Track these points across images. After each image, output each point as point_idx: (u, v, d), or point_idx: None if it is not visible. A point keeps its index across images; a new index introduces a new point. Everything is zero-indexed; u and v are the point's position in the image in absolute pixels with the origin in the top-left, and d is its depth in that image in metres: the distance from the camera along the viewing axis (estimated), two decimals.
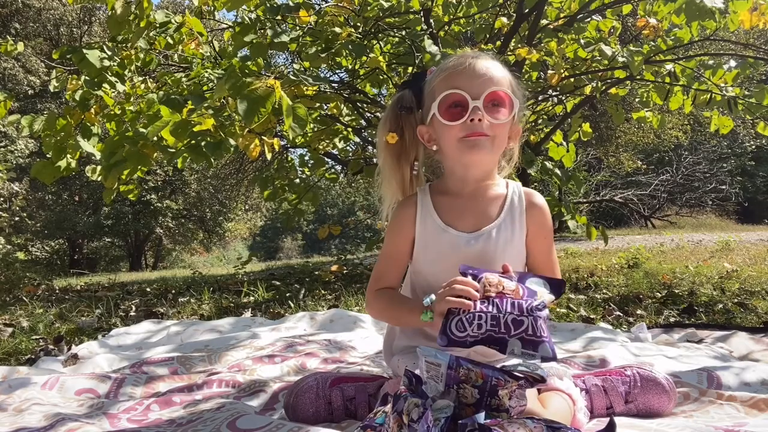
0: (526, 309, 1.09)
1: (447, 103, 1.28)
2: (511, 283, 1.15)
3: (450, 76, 1.30)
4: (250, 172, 12.89)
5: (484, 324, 1.08)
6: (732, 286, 3.47)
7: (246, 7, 3.04)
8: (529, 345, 1.07)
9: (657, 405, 1.34)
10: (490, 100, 1.27)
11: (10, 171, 13.84)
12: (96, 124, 2.89)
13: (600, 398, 1.36)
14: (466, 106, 1.26)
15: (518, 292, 1.12)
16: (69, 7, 17.24)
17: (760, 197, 22.17)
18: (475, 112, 1.26)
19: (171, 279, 6.26)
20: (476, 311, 1.09)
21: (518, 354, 1.07)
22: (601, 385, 1.37)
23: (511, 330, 1.07)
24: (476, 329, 1.08)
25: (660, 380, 1.35)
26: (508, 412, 1.02)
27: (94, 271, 15.72)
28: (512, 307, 1.09)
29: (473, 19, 3.99)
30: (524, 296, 1.12)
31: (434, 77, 1.35)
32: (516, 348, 1.07)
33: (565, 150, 4.08)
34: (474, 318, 1.09)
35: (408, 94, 1.41)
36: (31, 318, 3.10)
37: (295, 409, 1.37)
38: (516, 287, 1.14)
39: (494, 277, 1.16)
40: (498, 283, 1.13)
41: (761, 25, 2.97)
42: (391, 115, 1.41)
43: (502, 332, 1.07)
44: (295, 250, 34.26)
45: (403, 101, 1.40)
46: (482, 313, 1.09)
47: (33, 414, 1.43)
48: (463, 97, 1.26)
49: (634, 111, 4.68)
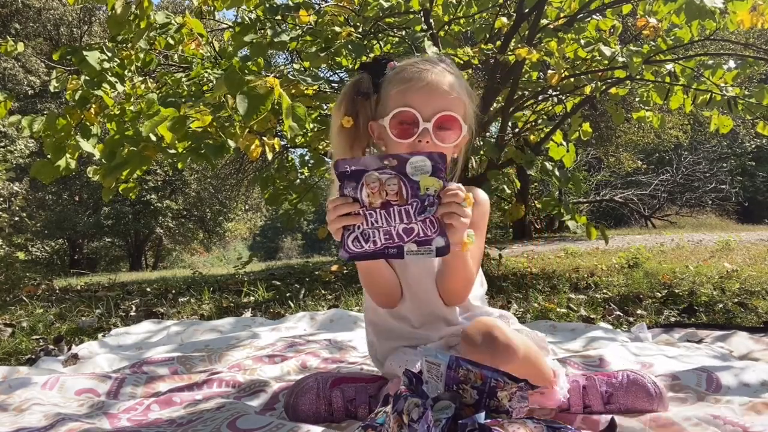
0: (414, 215, 1.15)
1: (398, 119, 1.31)
2: (393, 184, 1.16)
3: (406, 92, 1.31)
4: (250, 172, 12.91)
5: (378, 240, 1.16)
6: (732, 286, 3.47)
7: (246, 7, 3.05)
8: (423, 244, 1.16)
9: (640, 410, 1.32)
10: (440, 123, 1.30)
11: (10, 171, 13.84)
12: (96, 125, 2.89)
13: (577, 395, 1.35)
14: (417, 126, 1.29)
15: (402, 195, 1.16)
16: (69, 7, 17.24)
17: (760, 197, 22.18)
18: (424, 134, 1.29)
19: (171, 279, 6.26)
20: (368, 228, 1.16)
21: (415, 252, 1.16)
22: (582, 383, 1.36)
23: (404, 238, 1.16)
24: (372, 245, 1.16)
25: (647, 385, 1.33)
26: (509, 414, 1.02)
27: (94, 271, 15.72)
28: (400, 216, 1.16)
29: (473, 19, 3.99)
30: (408, 197, 1.16)
31: (392, 82, 1.35)
32: (412, 249, 1.16)
33: (565, 150, 4.09)
34: (369, 235, 1.16)
35: (366, 79, 1.40)
36: (31, 318, 3.10)
37: (295, 410, 1.37)
38: (398, 187, 1.16)
39: (373, 177, 1.16)
40: (380, 188, 1.16)
41: (760, 25, 2.97)
42: (347, 99, 1.40)
43: (396, 243, 1.16)
44: (295, 250, 34.29)
45: (361, 86, 1.40)
46: (374, 230, 1.16)
47: (33, 414, 1.43)
48: (415, 117, 1.29)
49: (634, 111, 4.68)
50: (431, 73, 1.33)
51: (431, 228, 1.16)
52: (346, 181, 1.16)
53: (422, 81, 1.32)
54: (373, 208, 1.15)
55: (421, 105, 1.30)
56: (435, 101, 1.31)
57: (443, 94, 1.32)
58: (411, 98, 1.31)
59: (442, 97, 1.31)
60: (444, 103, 1.31)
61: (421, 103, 1.30)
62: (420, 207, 1.15)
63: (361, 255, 1.17)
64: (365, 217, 1.15)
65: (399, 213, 1.15)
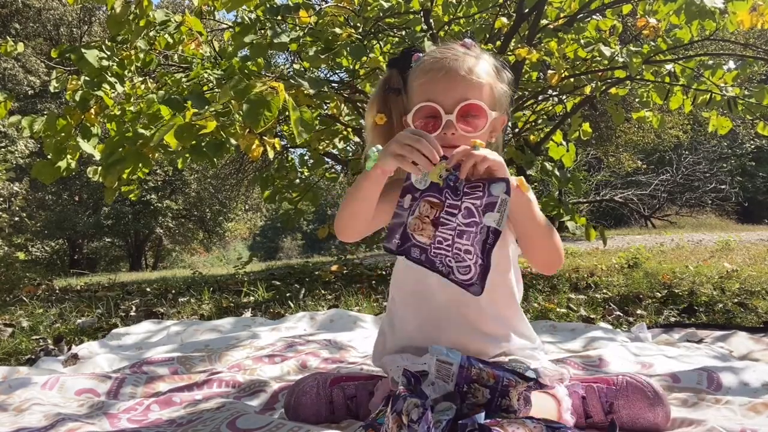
0: (455, 200, 1.12)
1: (421, 115, 1.28)
2: (423, 207, 1.14)
3: (427, 84, 1.28)
4: (250, 172, 12.90)
5: (466, 245, 1.10)
6: (732, 286, 3.47)
7: (246, 8, 3.05)
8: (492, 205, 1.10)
9: (642, 420, 1.26)
10: (464, 112, 1.26)
11: (10, 171, 13.84)
12: (96, 125, 2.89)
13: (578, 408, 1.30)
14: (440, 119, 1.26)
15: (436, 204, 1.13)
16: (69, 7, 17.25)
17: (760, 197, 22.18)
18: (449, 127, 1.26)
19: (171, 279, 6.26)
20: (450, 250, 1.12)
21: (499, 217, 1.09)
22: (581, 393, 1.30)
23: (476, 221, 1.10)
24: (468, 255, 1.11)
25: (646, 392, 1.26)
26: (516, 414, 1.02)
27: (94, 271, 15.71)
28: (450, 215, 1.11)
29: (473, 19, 3.99)
30: (441, 197, 1.13)
31: (415, 74, 1.33)
32: (495, 217, 1.09)
33: (565, 150, 4.09)
34: (457, 254, 1.11)
35: (396, 74, 1.39)
36: (31, 318, 3.10)
37: (296, 410, 1.37)
38: (427, 204, 1.14)
39: (412, 221, 1.15)
40: (420, 221, 1.14)
41: (760, 25, 2.97)
42: (378, 96, 1.40)
43: (477, 229, 1.10)
44: (295, 250, 34.26)
45: (391, 82, 1.39)
46: (453, 244, 1.11)
47: (33, 414, 1.43)
48: (437, 110, 1.26)
49: (634, 111, 4.68)
50: (449, 61, 1.28)
51: (477, 191, 1.11)
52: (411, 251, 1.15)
53: (440, 71, 1.27)
54: (435, 237, 1.12)
55: (442, 96, 1.26)
56: (455, 90, 1.26)
57: (463, 81, 1.27)
58: (431, 90, 1.27)
59: (463, 85, 1.26)
60: (465, 90, 1.26)
61: (441, 94, 1.26)
62: (452, 191, 1.12)
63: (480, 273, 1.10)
64: (439, 248, 1.13)
65: (448, 213, 1.12)
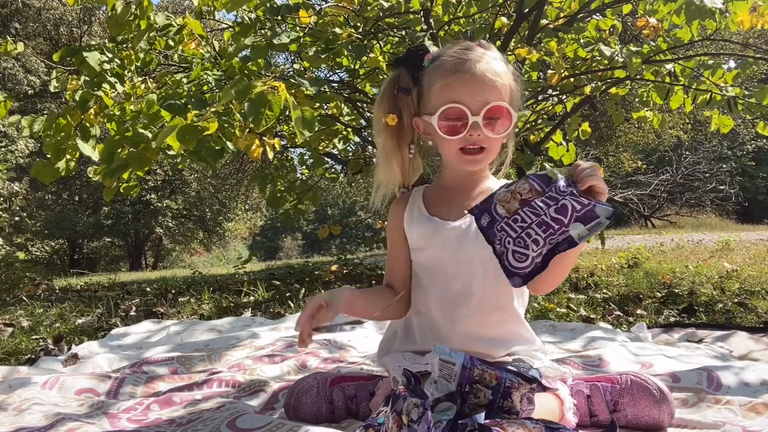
0: (557, 193, 1.02)
1: (446, 116, 1.27)
2: (523, 184, 1.06)
3: (451, 85, 1.27)
4: (250, 172, 12.88)
5: (538, 237, 1.00)
6: (732, 286, 3.47)
7: (246, 8, 3.04)
8: (588, 218, 0.99)
9: (647, 418, 1.27)
10: (490, 114, 1.26)
11: (10, 171, 13.83)
12: (95, 126, 2.88)
13: (583, 407, 1.30)
14: (466, 121, 1.25)
15: (536, 190, 1.04)
16: (69, 7, 17.24)
17: (760, 197, 22.17)
18: (474, 128, 1.25)
19: (171, 279, 6.25)
20: (520, 234, 1.01)
21: (585, 234, 0.99)
22: (586, 392, 1.31)
23: (562, 221, 1.00)
24: (534, 246, 1.01)
25: (652, 390, 1.27)
26: (518, 415, 1.01)
27: (94, 271, 15.70)
28: (545, 203, 1.02)
29: (473, 18, 3.98)
30: (544, 188, 1.03)
31: (434, 75, 1.31)
32: (581, 231, 0.99)
33: (565, 150, 4.09)
34: (524, 240, 1.02)
35: (405, 74, 1.37)
36: (31, 318, 3.10)
37: (296, 410, 1.37)
38: (529, 186, 1.05)
39: (501, 192, 1.08)
40: (512, 196, 1.06)
41: (760, 25, 2.97)
42: (387, 96, 1.38)
43: (558, 230, 1.00)
44: (295, 250, 34.26)
45: (400, 82, 1.37)
46: (527, 230, 1.01)
47: (33, 414, 1.43)
48: (464, 112, 1.25)
49: (634, 111, 4.68)
50: (475, 63, 1.27)
51: (583, 199, 1.01)
52: (482, 216, 1.09)
53: (467, 73, 1.26)
54: (516, 213, 1.05)
55: (469, 99, 1.25)
56: (483, 93, 1.25)
57: (490, 83, 1.26)
58: (457, 92, 1.26)
59: (490, 88, 1.26)
60: (492, 93, 1.26)
61: (468, 96, 1.25)
62: (557, 188, 1.04)
63: (533, 269, 1.02)
64: (509, 226, 1.05)
65: (543, 201, 1.04)
